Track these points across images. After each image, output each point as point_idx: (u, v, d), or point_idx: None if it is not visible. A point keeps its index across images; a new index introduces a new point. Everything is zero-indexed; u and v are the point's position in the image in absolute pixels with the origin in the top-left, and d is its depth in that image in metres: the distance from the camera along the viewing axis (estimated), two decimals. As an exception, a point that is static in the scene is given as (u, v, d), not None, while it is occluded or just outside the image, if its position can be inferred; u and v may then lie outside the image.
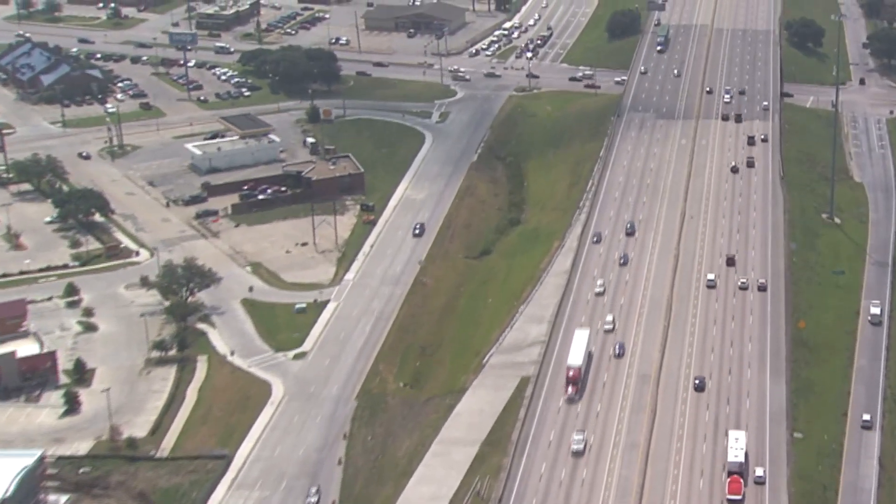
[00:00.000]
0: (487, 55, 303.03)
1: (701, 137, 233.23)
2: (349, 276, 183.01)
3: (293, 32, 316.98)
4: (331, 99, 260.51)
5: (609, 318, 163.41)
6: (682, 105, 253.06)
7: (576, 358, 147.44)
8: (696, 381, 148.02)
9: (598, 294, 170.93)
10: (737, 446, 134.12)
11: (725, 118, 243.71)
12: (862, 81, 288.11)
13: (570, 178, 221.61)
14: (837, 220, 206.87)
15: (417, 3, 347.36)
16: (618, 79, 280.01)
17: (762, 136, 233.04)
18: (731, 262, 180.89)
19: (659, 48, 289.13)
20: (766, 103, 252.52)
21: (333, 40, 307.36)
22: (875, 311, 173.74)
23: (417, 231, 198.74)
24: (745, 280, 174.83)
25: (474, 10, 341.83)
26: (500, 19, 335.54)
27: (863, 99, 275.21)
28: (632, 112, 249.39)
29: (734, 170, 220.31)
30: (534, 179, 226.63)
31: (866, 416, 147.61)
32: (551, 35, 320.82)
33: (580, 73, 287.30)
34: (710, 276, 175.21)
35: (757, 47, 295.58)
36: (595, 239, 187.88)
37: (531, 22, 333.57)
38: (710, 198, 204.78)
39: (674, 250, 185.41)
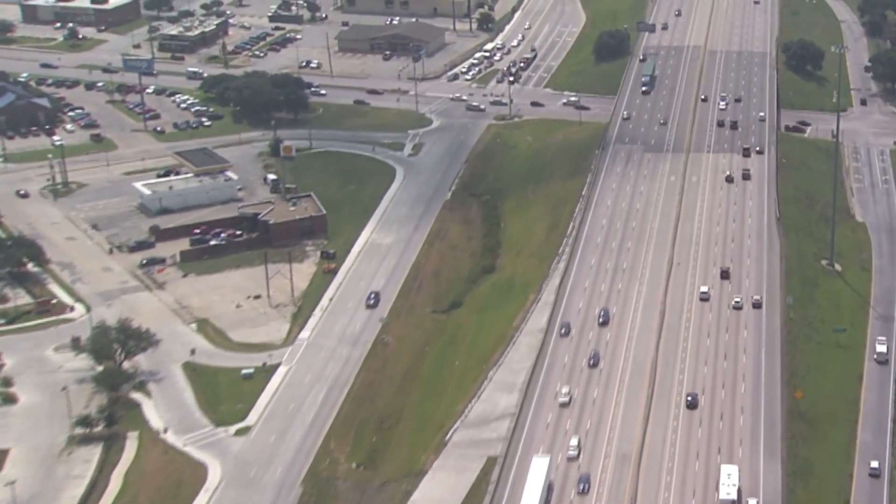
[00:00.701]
0: (467, 79, 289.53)
1: (691, 173, 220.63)
2: (304, 333, 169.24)
3: (262, 55, 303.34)
4: (297, 129, 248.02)
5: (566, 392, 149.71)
6: (671, 136, 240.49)
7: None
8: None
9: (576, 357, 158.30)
10: (729, 482, 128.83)
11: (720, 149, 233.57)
12: (863, 102, 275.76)
13: (549, 220, 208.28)
14: (838, 267, 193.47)
15: (395, 22, 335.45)
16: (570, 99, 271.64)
17: (748, 170, 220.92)
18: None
19: (644, 89, 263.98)
20: (761, 123, 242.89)
21: (304, 63, 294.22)
22: (881, 348, 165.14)
23: (371, 302, 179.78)
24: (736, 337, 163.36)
25: (455, 30, 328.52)
26: (482, 40, 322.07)
27: (865, 127, 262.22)
28: (618, 144, 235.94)
29: (729, 179, 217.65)
30: (511, 220, 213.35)
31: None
32: (535, 57, 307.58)
33: (565, 100, 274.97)
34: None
35: (752, 71, 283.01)
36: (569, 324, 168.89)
37: (515, 42, 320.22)
38: (700, 242, 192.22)
39: (659, 305, 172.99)
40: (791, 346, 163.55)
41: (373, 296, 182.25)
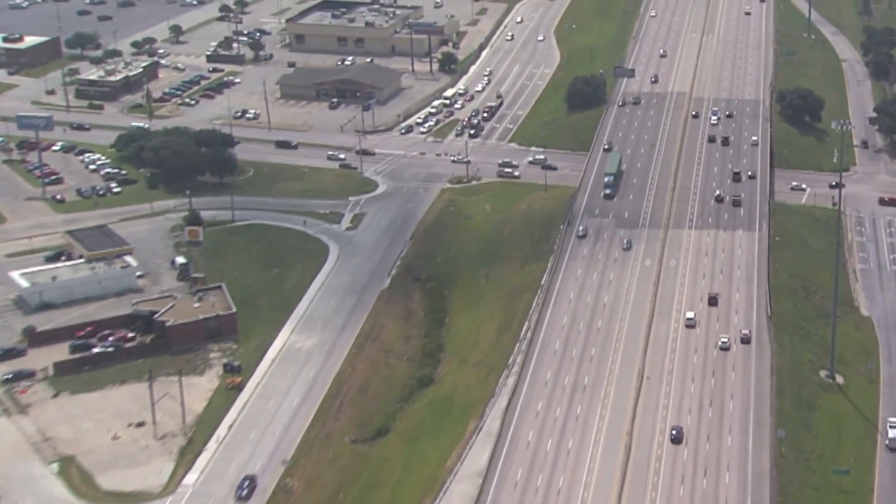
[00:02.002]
0: (423, 132, 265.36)
1: (670, 256, 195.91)
2: (190, 477, 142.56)
3: (193, 102, 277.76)
4: (222, 195, 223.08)
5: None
6: (648, 208, 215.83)
7: None
8: None
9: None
10: None
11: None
12: (864, 144, 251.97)
13: (502, 316, 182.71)
14: (840, 380, 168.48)
15: (349, 62, 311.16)
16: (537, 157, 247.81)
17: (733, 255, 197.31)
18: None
19: (606, 192, 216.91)
20: (751, 185, 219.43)
21: (239, 113, 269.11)
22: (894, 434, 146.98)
23: (244, 492, 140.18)
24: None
25: (413, 72, 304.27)
26: (443, 84, 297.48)
27: (870, 191, 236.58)
28: (586, 217, 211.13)
29: (719, 199, 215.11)
30: (458, 315, 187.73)
31: None
32: (501, 105, 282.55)
33: (531, 158, 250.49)
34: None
35: (743, 125, 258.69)
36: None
37: (479, 87, 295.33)
38: (677, 350, 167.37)
39: (624, 437, 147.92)
40: (783, 496, 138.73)
41: (246, 483, 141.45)
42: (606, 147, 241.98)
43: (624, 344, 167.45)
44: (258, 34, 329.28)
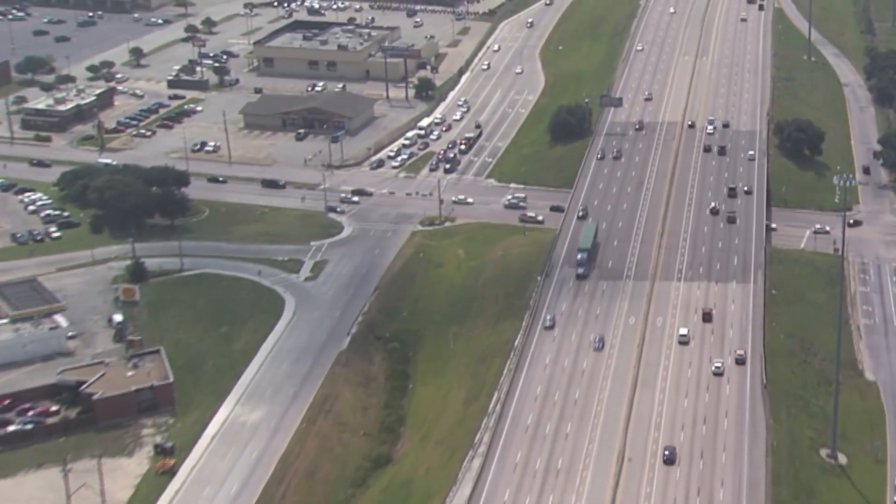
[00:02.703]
0: (394, 166, 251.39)
1: (656, 314, 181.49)
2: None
3: (149, 133, 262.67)
4: (173, 240, 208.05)
5: None
6: (634, 256, 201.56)
7: None
8: None
9: None
10: None
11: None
12: (866, 171, 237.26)
13: (470, 385, 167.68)
14: (843, 459, 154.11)
15: (319, 87, 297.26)
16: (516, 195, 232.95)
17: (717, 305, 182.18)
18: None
19: (579, 271, 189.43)
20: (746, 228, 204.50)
21: (198, 146, 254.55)
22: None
23: None
24: None
25: (388, 99, 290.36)
26: (419, 112, 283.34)
27: (874, 234, 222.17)
28: (566, 267, 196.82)
29: (714, 211, 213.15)
30: (422, 382, 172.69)
31: None
32: (480, 135, 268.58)
33: (510, 196, 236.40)
34: None
35: (737, 160, 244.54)
36: None
37: (458, 115, 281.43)
38: (662, 427, 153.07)
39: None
40: None
41: None
42: (581, 213, 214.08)
43: (603, 419, 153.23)
44: (224, 57, 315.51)
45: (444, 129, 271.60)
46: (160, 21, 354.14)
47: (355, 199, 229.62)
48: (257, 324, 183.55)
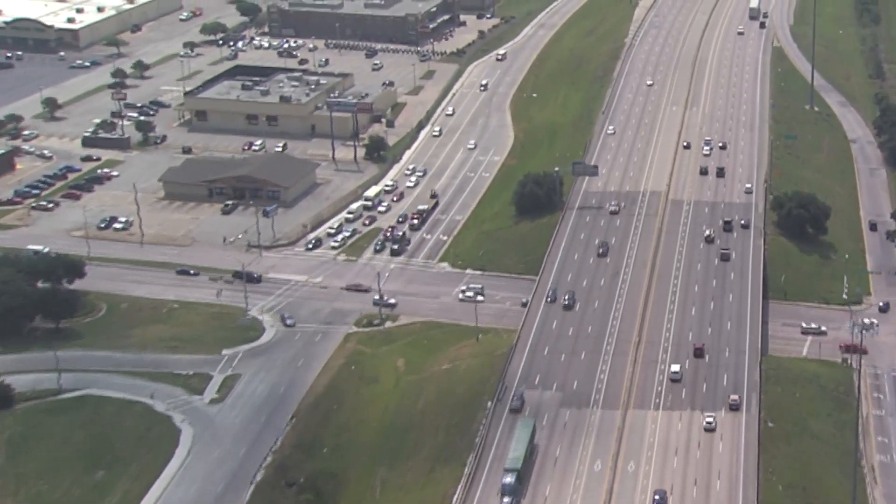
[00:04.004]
0: (333, 246, 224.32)
1: (628, 455, 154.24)
2: None
3: (50, 206, 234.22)
4: (59, 348, 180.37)
5: None
6: (603, 376, 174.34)
7: None
8: None
9: None
10: None
11: None
12: (884, 308, 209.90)
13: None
14: None
15: (257, 146, 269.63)
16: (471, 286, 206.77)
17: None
18: None
19: (505, 501, 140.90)
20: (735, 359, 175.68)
21: (105, 222, 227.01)
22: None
23: None
24: None
25: (334, 161, 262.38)
26: (370, 176, 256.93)
27: (889, 337, 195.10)
28: (523, 388, 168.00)
29: (709, 240, 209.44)
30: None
31: None
32: (436, 206, 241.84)
33: (464, 288, 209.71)
34: None
35: (729, 242, 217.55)
36: None
37: (411, 181, 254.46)
38: None
39: None
40: None
41: None
42: (515, 402, 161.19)
43: None
44: (154, 109, 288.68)
45: (395, 198, 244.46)
46: (87, 63, 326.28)
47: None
48: (142, 467, 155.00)
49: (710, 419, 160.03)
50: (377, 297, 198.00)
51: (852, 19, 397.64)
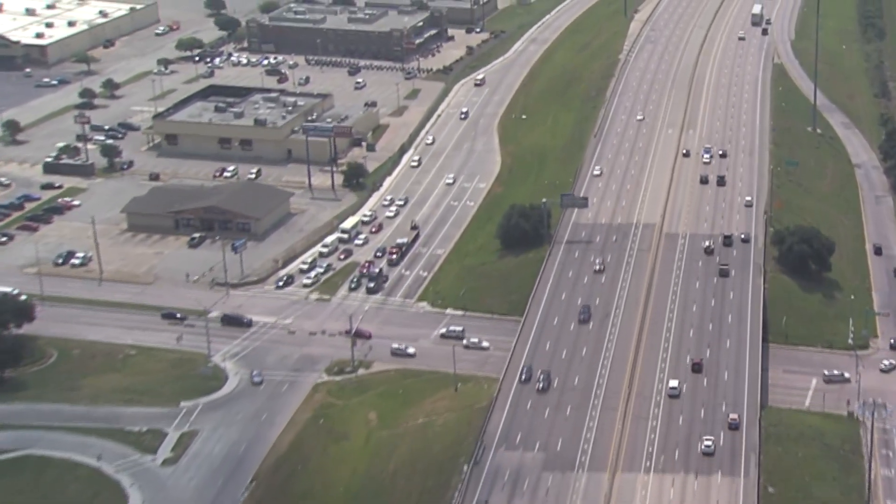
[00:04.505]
0: (306, 283, 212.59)
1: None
2: None
3: (4, 239, 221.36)
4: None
5: None
6: (591, 432, 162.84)
7: None
8: None
9: None
10: None
11: None
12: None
13: None
14: None
15: (229, 172, 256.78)
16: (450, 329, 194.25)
17: None
18: None
19: None
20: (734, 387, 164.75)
21: (62, 257, 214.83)
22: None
23: None
24: None
25: (310, 189, 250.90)
26: (348, 205, 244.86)
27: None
28: (502, 450, 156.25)
29: (708, 251, 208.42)
30: None
31: None
32: (416, 238, 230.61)
33: (444, 329, 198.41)
34: None
35: (726, 283, 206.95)
36: None
37: (391, 211, 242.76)
38: None
39: None
40: None
41: None
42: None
43: None
44: (121, 132, 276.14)
45: (373, 229, 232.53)
46: (54, 82, 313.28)
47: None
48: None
49: (707, 483, 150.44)
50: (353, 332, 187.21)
51: (856, 34, 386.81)
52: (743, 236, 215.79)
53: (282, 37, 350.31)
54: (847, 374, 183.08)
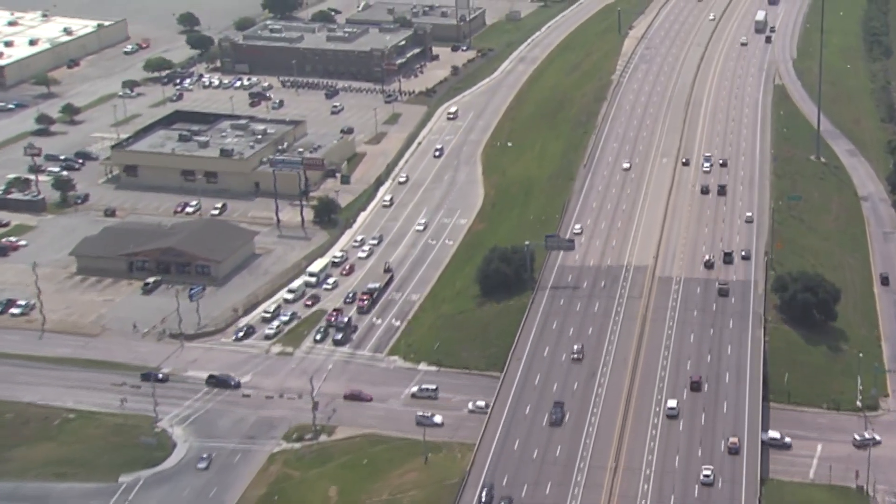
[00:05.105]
0: (268, 334, 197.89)
1: None
2: None
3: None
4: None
5: None
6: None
7: None
8: None
9: None
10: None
11: None
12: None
13: None
14: None
15: (192, 207, 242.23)
16: (476, 404, 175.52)
17: None
18: None
19: None
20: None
21: (0, 307, 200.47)
22: None
23: None
24: None
25: (278, 226, 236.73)
26: (319, 243, 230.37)
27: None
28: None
29: (708, 265, 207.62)
30: None
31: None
32: (390, 281, 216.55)
33: (416, 388, 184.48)
34: None
35: (724, 334, 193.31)
36: None
37: (364, 251, 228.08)
38: None
39: None
40: None
41: None
42: None
43: None
44: (77, 162, 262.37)
45: (343, 272, 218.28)
46: (10, 106, 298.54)
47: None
48: None
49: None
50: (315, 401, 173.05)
51: (861, 51, 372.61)
52: (744, 253, 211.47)
53: (256, 57, 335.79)
54: (878, 437, 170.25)
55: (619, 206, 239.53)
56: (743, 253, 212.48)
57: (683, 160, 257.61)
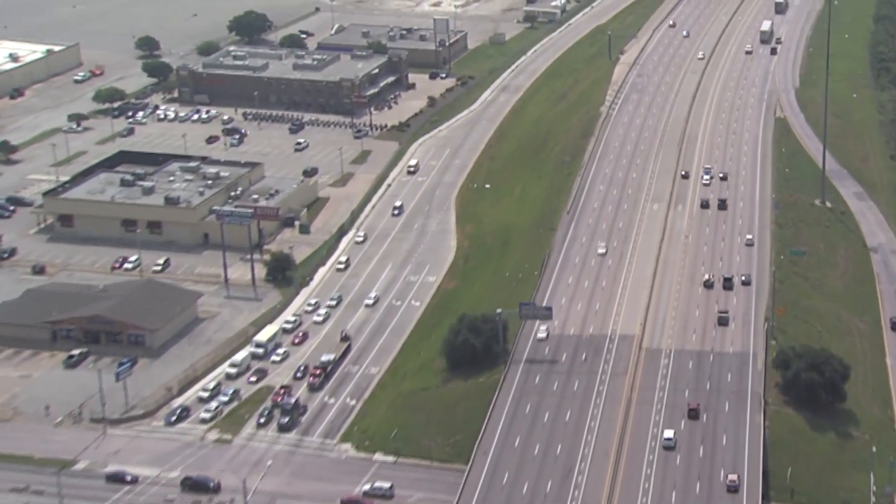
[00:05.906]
0: (204, 417, 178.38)
1: None
2: None
3: None
4: None
5: None
6: None
7: None
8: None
9: None
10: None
11: None
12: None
13: None
14: None
15: (131, 263, 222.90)
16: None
17: None
18: None
19: None
20: None
21: None
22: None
23: None
24: None
25: (226, 285, 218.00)
26: (271, 305, 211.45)
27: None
28: None
29: (708, 285, 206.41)
30: None
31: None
32: (347, 351, 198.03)
33: (368, 486, 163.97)
34: None
35: (719, 419, 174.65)
36: None
37: (320, 314, 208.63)
38: None
39: None
40: None
41: None
42: None
43: None
44: (8, 210, 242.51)
45: (296, 339, 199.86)
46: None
47: None
48: None
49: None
50: None
51: (868, 79, 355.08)
52: (744, 278, 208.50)
53: (217, 86, 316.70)
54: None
55: (604, 263, 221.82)
56: (743, 278, 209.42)
57: (683, 172, 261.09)
